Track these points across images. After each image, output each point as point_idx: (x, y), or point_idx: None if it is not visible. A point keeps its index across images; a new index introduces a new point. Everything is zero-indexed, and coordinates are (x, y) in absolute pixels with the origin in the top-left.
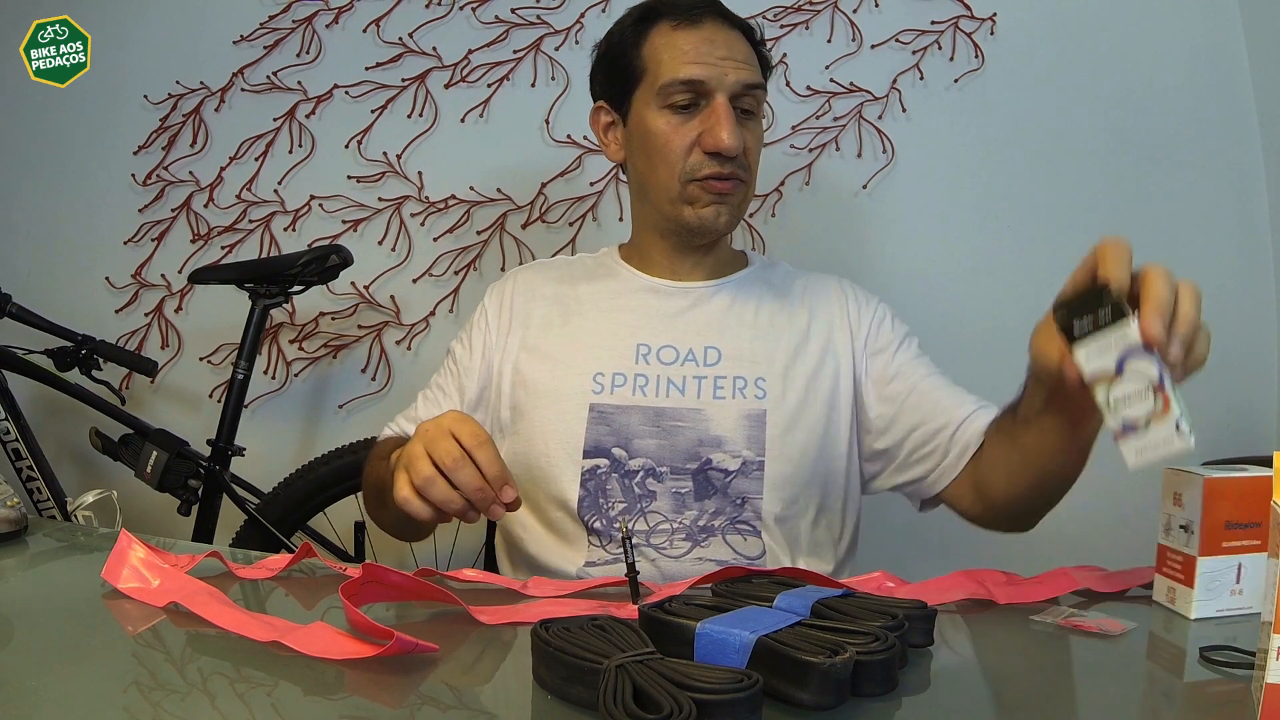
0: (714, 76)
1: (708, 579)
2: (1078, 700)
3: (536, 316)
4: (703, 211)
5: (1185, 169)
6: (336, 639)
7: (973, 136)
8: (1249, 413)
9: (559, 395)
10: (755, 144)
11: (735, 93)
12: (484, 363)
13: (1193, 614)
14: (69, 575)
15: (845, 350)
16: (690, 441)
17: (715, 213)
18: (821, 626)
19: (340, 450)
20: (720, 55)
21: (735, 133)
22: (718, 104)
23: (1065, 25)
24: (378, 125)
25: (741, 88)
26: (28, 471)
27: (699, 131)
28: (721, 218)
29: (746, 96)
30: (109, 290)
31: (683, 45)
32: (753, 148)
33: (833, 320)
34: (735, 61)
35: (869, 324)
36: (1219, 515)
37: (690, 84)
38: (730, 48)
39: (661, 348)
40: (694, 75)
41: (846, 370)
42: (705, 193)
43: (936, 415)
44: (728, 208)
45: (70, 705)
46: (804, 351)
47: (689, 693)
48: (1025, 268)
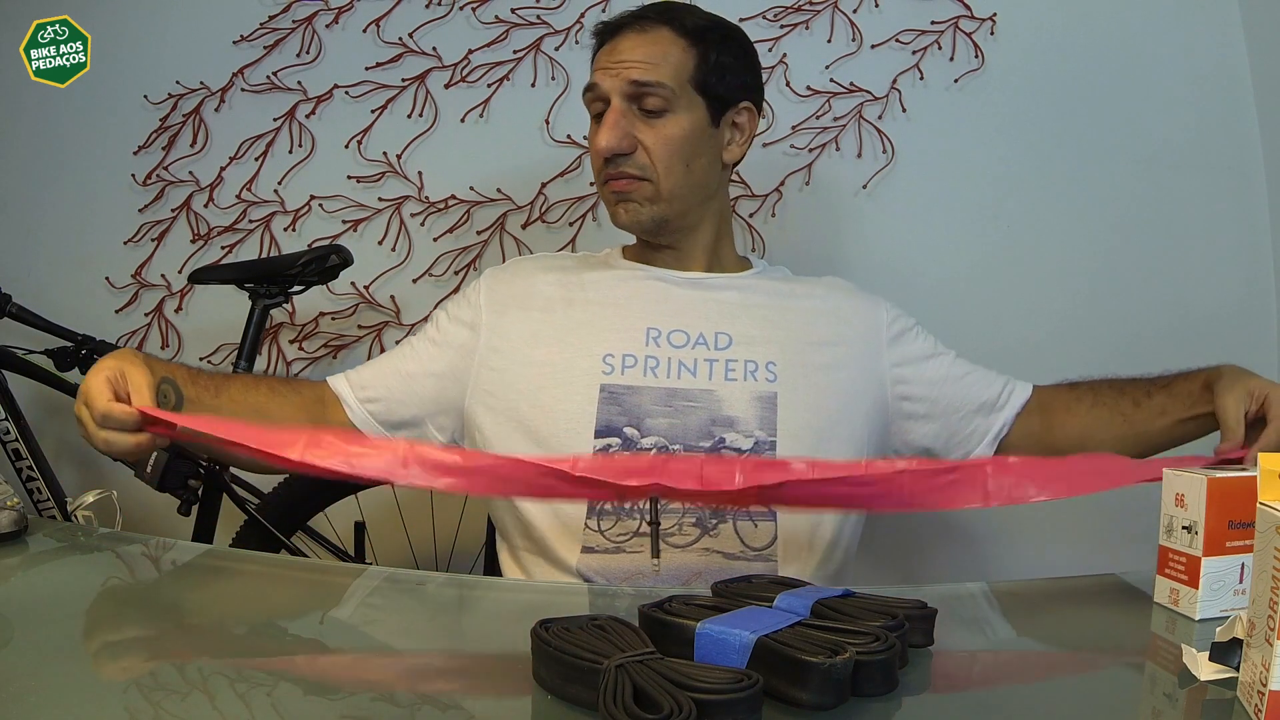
0: (603, 81)
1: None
2: (1079, 701)
3: (539, 299)
4: (615, 212)
5: (1185, 169)
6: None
7: (973, 136)
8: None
9: (568, 376)
10: (658, 141)
11: (627, 93)
12: (470, 335)
13: (1197, 615)
14: (69, 575)
15: (861, 349)
16: (703, 421)
17: (623, 210)
18: (821, 626)
19: None
20: (616, 60)
21: (608, 133)
22: (610, 107)
23: (1065, 25)
24: (378, 125)
25: (630, 85)
26: (28, 471)
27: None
28: (634, 215)
29: (648, 96)
30: (109, 290)
31: (597, 58)
32: (654, 145)
33: (844, 319)
34: (630, 63)
35: (886, 329)
36: (1222, 515)
37: (589, 90)
38: (633, 51)
39: (672, 331)
40: (589, 82)
41: (863, 363)
42: (611, 195)
43: (969, 401)
44: (634, 204)
45: (70, 705)
46: (814, 342)
47: (689, 693)
48: (1025, 268)
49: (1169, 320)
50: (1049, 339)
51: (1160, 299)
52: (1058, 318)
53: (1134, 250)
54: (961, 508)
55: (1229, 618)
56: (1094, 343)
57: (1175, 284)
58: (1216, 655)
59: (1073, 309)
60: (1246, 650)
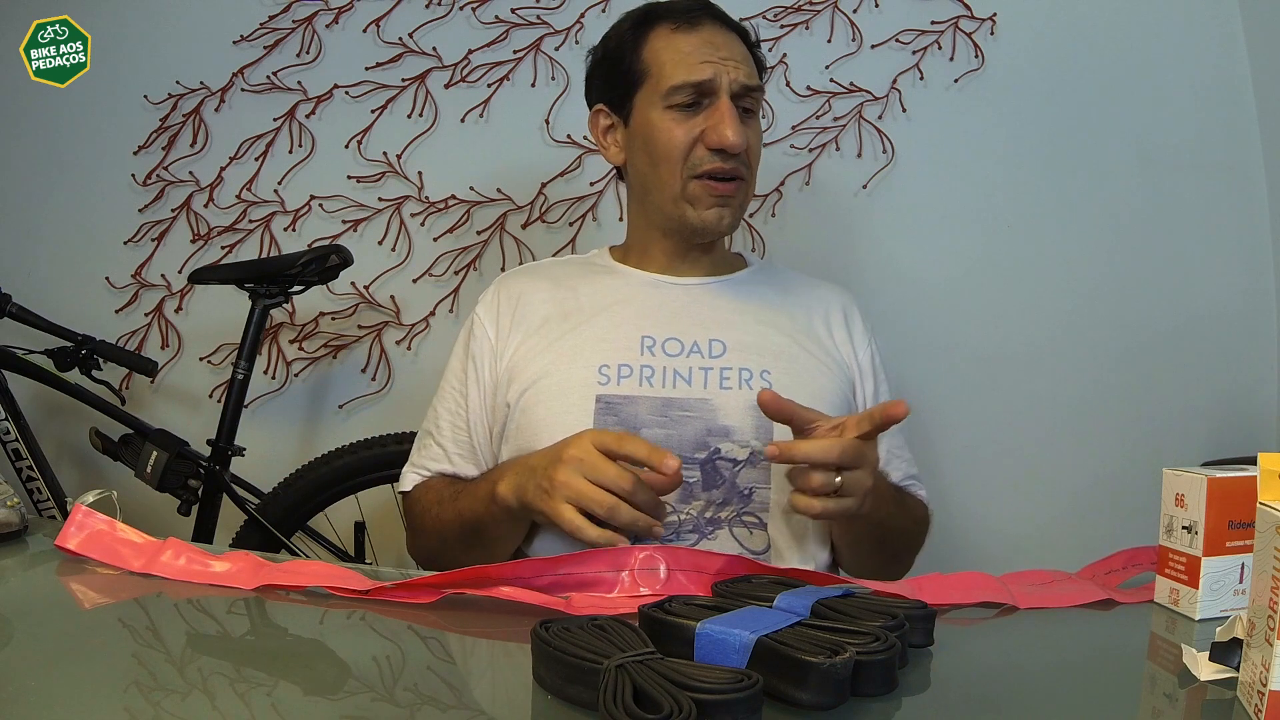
0: (717, 76)
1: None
2: (1079, 701)
3: (534, 317)
4: (705, 214)
5: (1185, 169)
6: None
7: (973, 136)
8: (1249, 413)
9: (565, 389)
10: (756, 143)
11: (736, 92)
12: (491, 375)
13: (1198, 615)
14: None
15: (845, 359)
16: (698, 431)
17: (718, 215)
18: (821, 626)
19: (340, 450)
20: (722, 55)
21: (739, 129)
22: (722, 103)
23: (1065, 25)
24: (378, 125)
25: (742, 88)
26: (28, 471)
27: (702, 129)
28: (724, 220)
29: (747, 97)
30: (109, 290)
31: (684, 47)
32: (754, 146)
33: (833, 325)
34: (735, 62)
35: (863, 354)
36: (1222, 515)
37: (696, 85)
38: (730, 48)
39: (666, 340)
40: (700, 76)
41: (845, 377)
42: (707, 194)
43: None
44: (730, 210)
45: (70, 705)
46: (807, 347)
47: (689, 693)
48: (1025, 267)
49: (1169, 320)
50: (1049, 338)
51: (1160, 299)
52: (1057, 317)
53: (1134, 250)
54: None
55: (1229, 618)
56: (1094, 342)
57: (1175, 284)
58: (1216, 655)
59: (1072, 308)
60: (1246, 650)
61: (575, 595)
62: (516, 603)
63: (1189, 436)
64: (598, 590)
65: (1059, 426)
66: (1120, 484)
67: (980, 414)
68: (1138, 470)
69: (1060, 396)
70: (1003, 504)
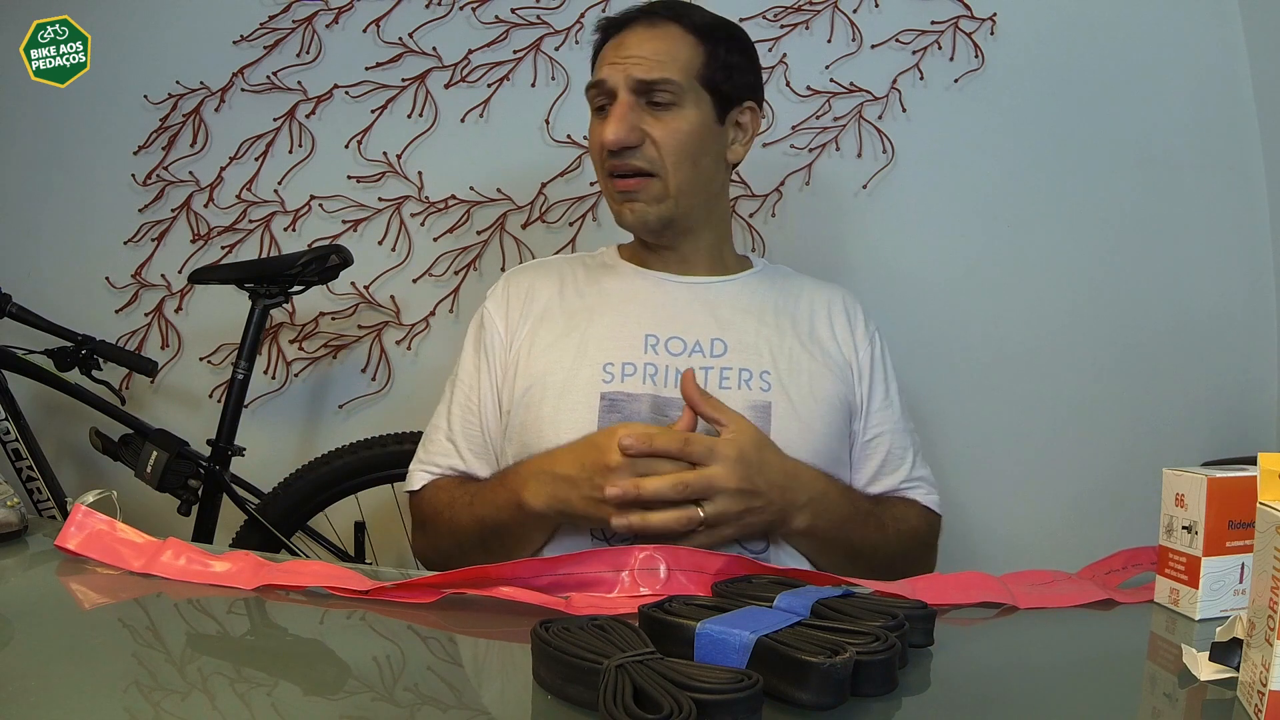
0: (610, 76)
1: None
2: (1079, 701)
3: (540, 313)
4: (620, 209)
5: (1185, 169)
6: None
7: (973, 136)
8: (1249, 413)
9: (569, 386)
10: (667, 134)
11: (636, 87)
12: (502, 368)
13: (1198, 615)
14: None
15: (845, 360)
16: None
17: (627, 210)
18: (821, 626)
19: (340, 450)
20: (625, 55)
21: (616, 126)
22: (618, 101)
23: (1065, 25)
24: (378, 125)
25: (638, 83)
26: (28, 471)
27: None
28: (637, 215)
29: (658, 90)
30: (109, 290)
31: (603, 54)
32: (663, 139)
33: (835, 325)
34: (639, 57)
35: (863, 354)
36: (1222, 515)
37: (595, 86)
38: (642, 46)
39: (670, 338)
40: (596, 78)
41: (845, 377)
42: (615, 191)
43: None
44: (639, 204)
45: (70, 705)
46: (808, 348)
47: (689, 693)
48: (1025, 267)
49: (1169, 320)
50: (1049, 338)
51: (1160, 299)
52: (1057, 317)
53: (1134, 250)
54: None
55: (1229, 618)
56: (1094, 342)
57: (1175, 284)
58: (1216, 655)
59: (1072, 308)
60: (1246, 650)
61: (575, 595)
62: (516, 603)
63: (1189, 436)
64: (598, 590)
65: (1059, 426)
66: (1120, 484)
67: (980, 414)
68: (1138, 470)
69: (1060, 397)
70: (1002, 504)
